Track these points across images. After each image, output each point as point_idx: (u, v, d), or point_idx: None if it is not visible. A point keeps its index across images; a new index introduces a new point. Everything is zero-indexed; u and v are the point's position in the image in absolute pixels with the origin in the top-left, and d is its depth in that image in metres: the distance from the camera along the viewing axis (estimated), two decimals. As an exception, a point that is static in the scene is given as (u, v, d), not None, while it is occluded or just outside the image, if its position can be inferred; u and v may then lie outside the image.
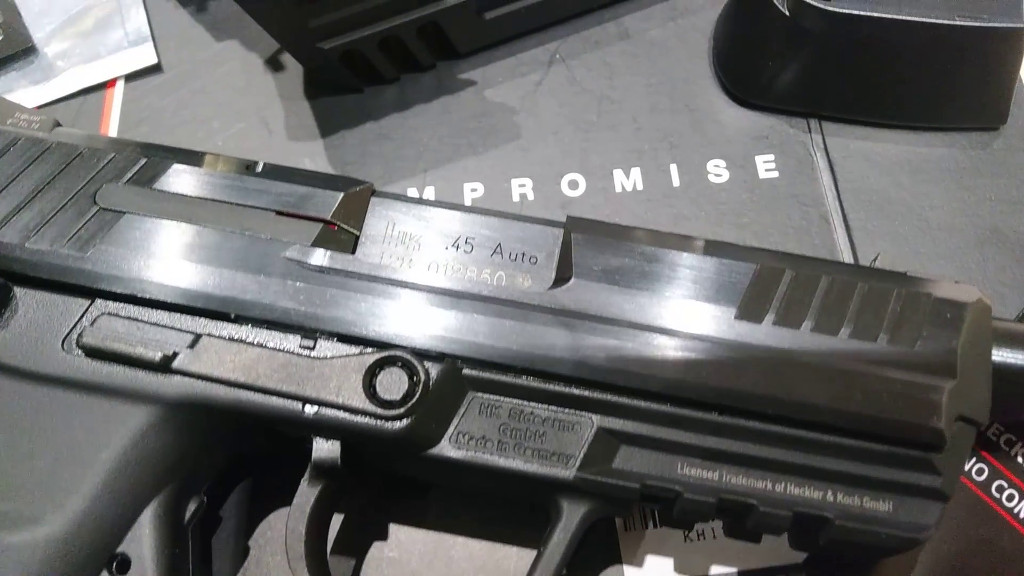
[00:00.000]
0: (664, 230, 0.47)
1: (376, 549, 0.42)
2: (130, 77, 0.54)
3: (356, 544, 0.42)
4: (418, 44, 0.51)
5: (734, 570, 0.41)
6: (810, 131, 0.51)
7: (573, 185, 0.50)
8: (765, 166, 0.50)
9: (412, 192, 0.50)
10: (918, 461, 0.35)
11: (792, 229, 0.48)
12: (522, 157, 0.51)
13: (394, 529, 0.42)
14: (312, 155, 0.51)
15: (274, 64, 0.54)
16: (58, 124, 0.42)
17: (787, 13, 0.45)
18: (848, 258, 0.47)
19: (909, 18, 0.43)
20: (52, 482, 0.34)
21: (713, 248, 0.38)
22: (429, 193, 0.50)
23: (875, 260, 0.41)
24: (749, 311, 0.36)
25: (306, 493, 0.36)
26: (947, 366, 0.36)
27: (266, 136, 0.52)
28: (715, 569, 0.41)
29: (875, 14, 0.43)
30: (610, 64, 0.53)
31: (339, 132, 0.52)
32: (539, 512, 0.38)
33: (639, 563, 0.42)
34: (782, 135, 0.51)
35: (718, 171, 0.50)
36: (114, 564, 0.34)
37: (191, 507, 0.37)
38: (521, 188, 0.50)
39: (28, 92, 0.53)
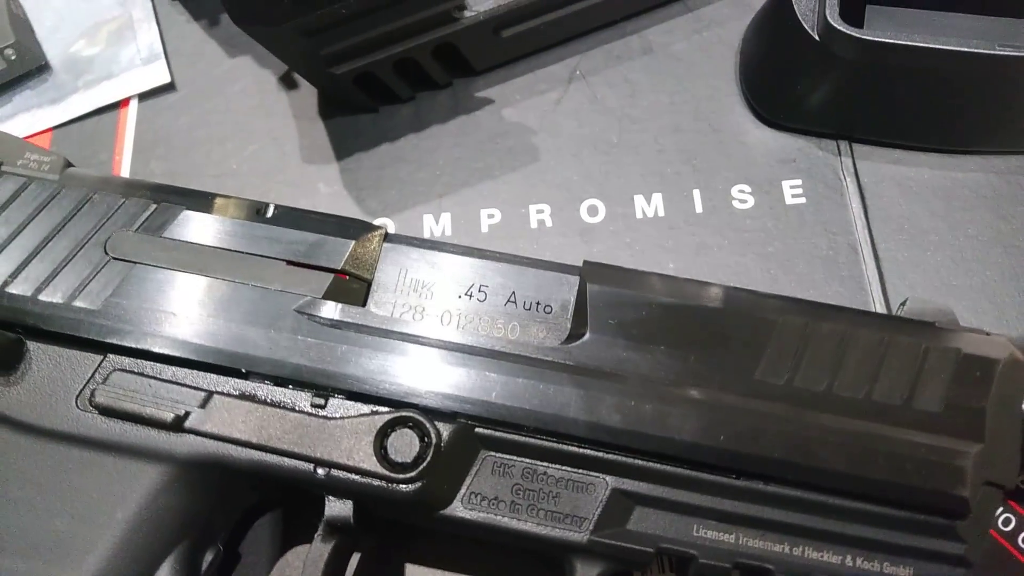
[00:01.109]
0: (686, 259, 0.47)
1: (392, 589, 0.42)
2: (143, 96, 0.53)
3: (372, 584, 0.42)
4: (433, 64, 0.49)
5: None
6: (840, 154, 0.49)
7: (592, 211, 0.49)
8: (792, 191, 0.48)
9: (428, 219, 0.49)
10: (941, 528, 0.34)
11: (819, 259, 0.46)
12: (540, 181, 0.50)
13: (410, 569, 0.42)
14: (327, 179, 0.50)
15: (287, 82, 0.53)
16: (69, 164, 0.41)
17: (817, 38, 0.43)
18: (876, 290, 0.45)
19: (946, 47, 0.41)
20: (70, 541, 0.35)
21: (734, 300, 0.37)
22: (445, 220, 0.49)
23: (903, 305, 0.39)
24: (769, 370, 0.36)
25: (319, 548, 0.36)
26: (974, 429, 0.35)
27: (280, 158, 0.51)
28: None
29: (909, 43, 0.41)
30: (632, 81, 0.51)
31: (354, 154, 0.51)
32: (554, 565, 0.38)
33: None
34: (811, 158, 0.49)
35: (743, 196, 0.48)
36: (133, 620, 0.35)
37: (208, 558, 0.37)
38: (539, 214, 0.49)
39: (43, 112, 0.53)
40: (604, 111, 0.51)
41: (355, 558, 0.41)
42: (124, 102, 0.53)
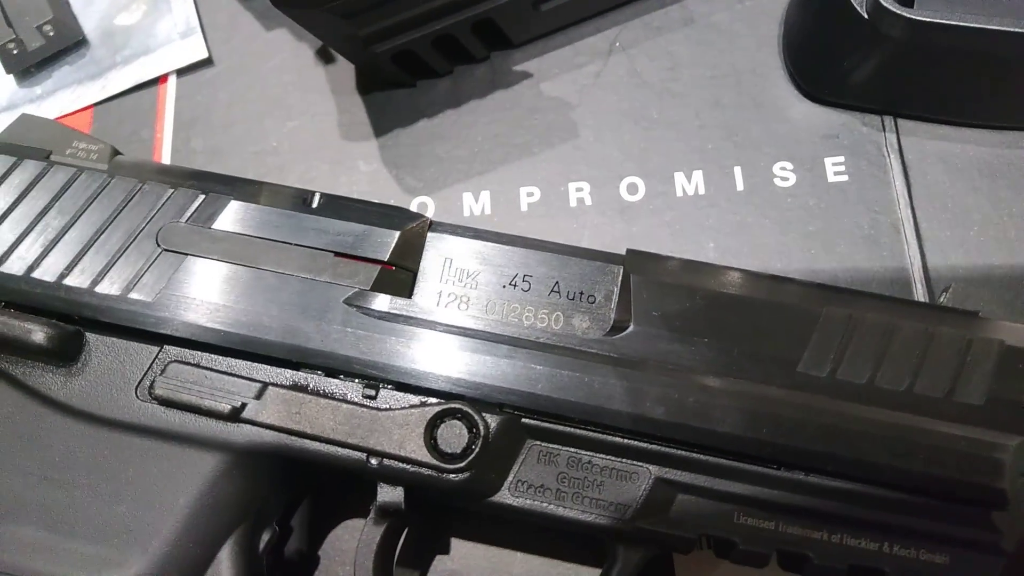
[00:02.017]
0: (726, 238, 0.47)
1: (439, 562, 0.44)
2: (181, 71, 0.53)
3: (419, 557, 0.44)
4: (472, 39, 0.49)
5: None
6: (884, 130, 0.48)
7: (632, 189, 0.48)
8: (835, 168, 0.47)
9: (467, 197, 0.49)
10: (978, 518, 0.35)
11: (860, 239, 0.46)
12: (580, 158, 0.49)
13: (456, 544, 0.44)
14: (366, 157, 0.50)
15: (324, 56, 0.53)
16: (116, 152, 0.42)
17: (866, 16, 0.42)
18: (918, 270, 0.45)
19: (996, 27, 0.40)
20: (135, 526, 0.36)
21: (777, 291, 0.37)
22: (485, 198, 0.49)
23: (946, 293, 0.39)
24: (812, 363, 0.36)
25: (372, 531, 0.38)
26: (1015, 422, 0.35)
27: (319, 135, 0.51)
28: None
29: (959, 23, 0.40)
30: (672, 53, 0.51)
31: (392, 131, 0.51)
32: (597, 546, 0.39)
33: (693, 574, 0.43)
34: (854, 134, 0.48)
35: (784, 174, 0.48)
36: (197, 599, 0.37)
37: (265, 537, 0.39)
38: (579, 192, 0.49)
39: (83, 89, 0.53)
40: (644, 85, 0.50)
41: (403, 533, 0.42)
42: (163, 78, 0.53)
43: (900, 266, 0.46)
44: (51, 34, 0.52)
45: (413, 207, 0.49)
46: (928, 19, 0.40)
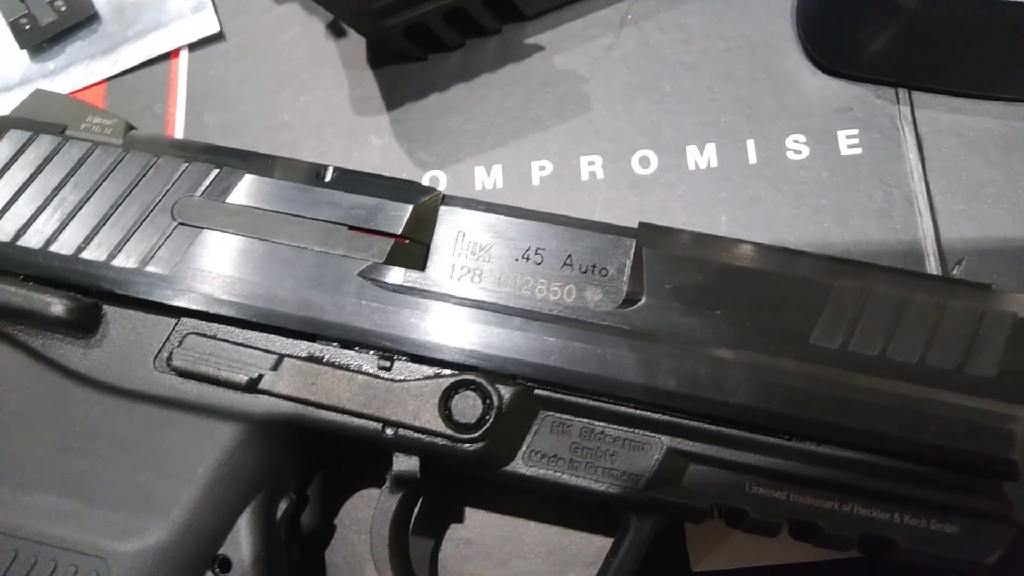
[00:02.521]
0: (739, 211, 0.47)
1: (453, 530, 0.44)
2: (193, 46, 0.53)
3: (434, 526, 0.44)
4: (483, 11, 0.49)
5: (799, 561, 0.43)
6: (898, 102, 0.48)
7: (644, 163, 0.48)
8: (848, 141, 0.47)
9: (479, 171, 0.49)
10: (988, 488, 0.35)
11: (873, 212, 0.46)
12: (592, 132, 0.49)
13: (470, 512, 0.44)
14: (378, 131, 0.50)
15: (336, 30, 0.53)
16: (130, 127, 0.42)
17: (882, -13, 0.42)
18: (931, 243, 0.45)
19: (1014, -1, 0.40)
20: (155, 495, 0.37)
21: (789, 263, 0.37)
22: (497, 172, 0.49)
23: (959, 266, 0.39)
24: (824, 335, 0.36)
25: (388, 500, 0.39)
26: (1026, 393, 0.35)
27: (331, 109, 0.51)
28: (782, 556, 0.43)
29: (979, -7, 0.40)
30: (685, 25, 0.50)
31: (404, 105, 0.51)
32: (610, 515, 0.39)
33: (704, 547, 0.43)
34: (868, 106, 0.48)
35: (797, 147, 0.48)
36: (216, 565, 0.37)
37: (282, 506, 0.39)
38: (591, 166, 0.49)
39: (96, 64, 0.53)
40: (656, 58, 0.50)
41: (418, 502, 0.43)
42: (174, 52, 0.53)
43: (913, 239, 0.46)
44: (63, 9, 0.52)
45: (425, 181, 0.49)
46: (945, -11, 0.40)
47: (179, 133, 0.52)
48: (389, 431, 0.37)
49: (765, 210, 0.47)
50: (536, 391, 0.37)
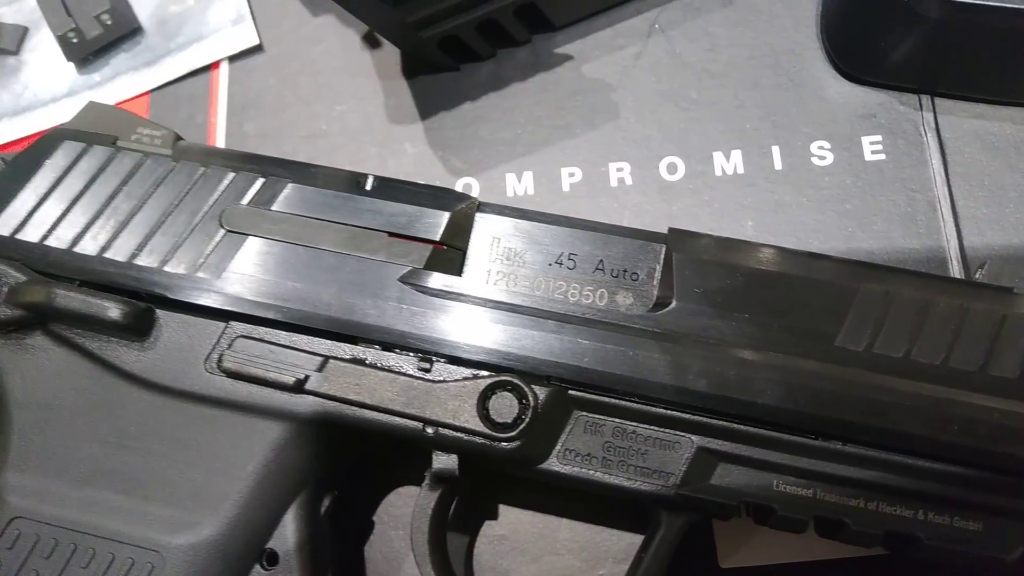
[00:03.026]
0: (765, 216, 0.48)
1: (487, 527, 0.46)
2: (233, 58, 0.55)
3: (469, 523, 0.46)
4: (514, 22, 0.50)
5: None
6: (921, 108, 0.49)
7: (672, 169, 0.50)
8: (872, 147, 0.48)
9: (511, 178, 0.51)
10: (1011, 486, 0.36)
11: (897, 216, 0.47)
12: (620, 138, 0.51)
13: (504, 510, 0.46)
14: (412, 139, 0.52)
15: (370, 41, 0.54)
16: (179, 138, 0.44)
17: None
18: (954, 248, 0.46)
19: (1037, 8, 0.40)
20: (206, 491, 0.39)
21: (816, 268, 0.39)
22: (527, 179, 0.50)
23: (981, 269, 0.40)
24: (850, 337, 0.37)
25: (427, 497, 0.40)
26: (1049, 394, 0.36)
27: (366, 119, 0.53)
28: (807, 553, 0.44)
29: (996, 3, 0.41)
30: (711, 34, 0.52)
31: (437, 114, 0.52)
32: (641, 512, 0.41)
33: (732, 544, 0.44)
34: (891, 113, 0.49)
35: (822, 153, 0.49)
36: (264, 558, 0.39)
37: (326, 501, 0.41)
38: (619, 172, 0.50)
39: (139, 76, 0.55)
40: (683, 66, 0.51)
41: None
42: (215, 64, 0.55)
43: (936, 244, 0.47)
44: (108, 23, 0.54)
45: (458, 188, 0.51)
46: (966, 0, 0.41)
47: (220, 142, 0.53)
48: (430, 430, 0.38)
49: (790, 215, 0.48)
50: (570, 392, 0.38)
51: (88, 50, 0.55)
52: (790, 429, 0.37)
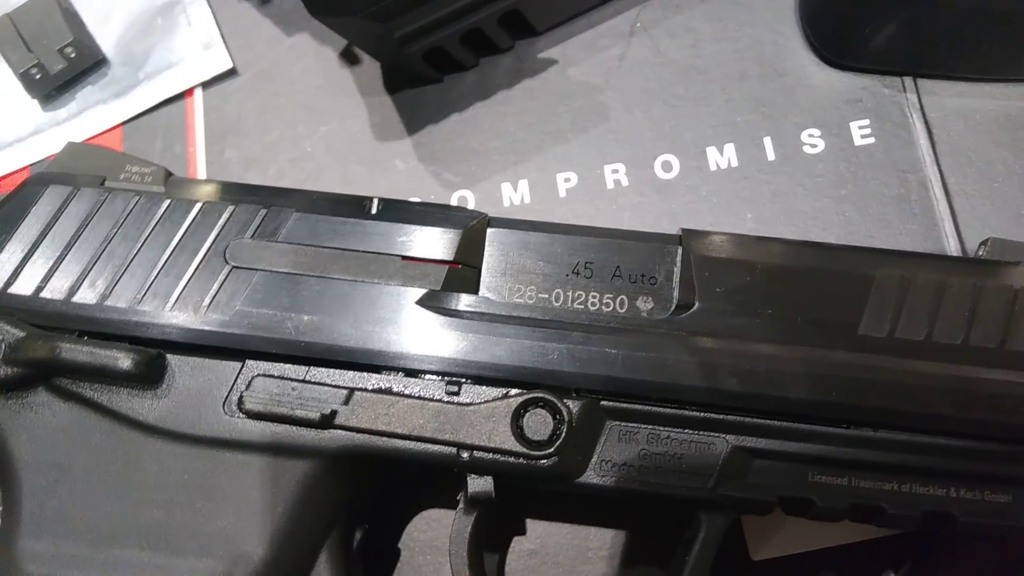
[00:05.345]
0: (762, 208, 0.48)
1: (517, 543, 0.45)
2: (207, 84, 0.53)
3: (498, 540, 0.45)
4: (498, 31, 0.50)
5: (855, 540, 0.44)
6: (905, 90, 0.49)
7: (667, 167, 0.50)
8: (861, 132, 0.49)
9: (506, 187, 0.50)
10: (1038, 457, 0.37)
11: (891, 199, 0.48)
12: (613, 140, 0.50)
13: (531, 524, 0.46)
14: (401, 155, 0.51)
15: (349, 57, 0.53)
16: (169, 173, 0.42)
17: (889, -18, 0.44)
18: (949, 226, 0.47)
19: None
20: (237, 537, 0.37)
21: (831, 258, 0.39)
22: (523, 187, 0.50)
23: (984, 246, 0.41)
24: (872, 324, 0.38)
25: (463, 520, 0.40)
26: (1067, 364, 0.37)
27: (352, 137, 0.52)
28: (835, 539, 0.44)
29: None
30: (694, 30, 0.52)
31: (424, 127, 0.51)
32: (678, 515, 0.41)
33: (762, 537, 0.45)
34: (876, 97, 0.50)
35: (813, 140, 0.49)
36: (300, 599, 0.38)
37: (358, 535, 0.40)
38: (615, 174, 0.50)
39: (108, 109, 0.53)
40: (668, 63, 0.51)
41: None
42: (188, 91, 0.53)
43: (931, 222, 0.48)
44: (72, 56, 0.52)
45: (453, 201, 0.50)
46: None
47: (201, 172, 0.52)
48: (465, 455, 0.37)
49: (788, 205, 0.48)
50: (602, 402, 0.38)
51: (52, 85, 0.53)
52: (822, 420, 0.38)
